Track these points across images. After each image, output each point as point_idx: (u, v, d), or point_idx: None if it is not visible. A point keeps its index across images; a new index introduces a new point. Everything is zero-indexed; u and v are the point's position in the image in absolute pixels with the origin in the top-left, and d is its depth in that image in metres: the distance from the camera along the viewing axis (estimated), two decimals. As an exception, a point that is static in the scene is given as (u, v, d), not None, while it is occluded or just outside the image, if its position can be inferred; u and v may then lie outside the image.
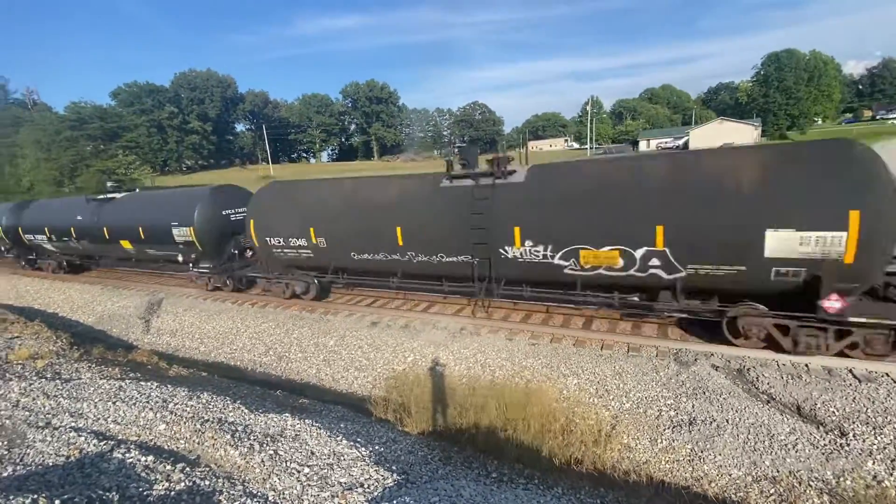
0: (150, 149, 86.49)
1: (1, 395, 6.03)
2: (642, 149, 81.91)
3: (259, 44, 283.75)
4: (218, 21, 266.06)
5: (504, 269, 8.38)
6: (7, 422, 5.25)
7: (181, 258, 13.21)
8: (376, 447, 5.40)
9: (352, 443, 5.13)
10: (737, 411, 5.89)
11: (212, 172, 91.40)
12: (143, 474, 4.07)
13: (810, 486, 4.89)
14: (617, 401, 6.56)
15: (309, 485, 4.17)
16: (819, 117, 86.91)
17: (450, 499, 4.18)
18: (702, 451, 5.52)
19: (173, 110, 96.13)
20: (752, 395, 6.23)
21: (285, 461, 4.57)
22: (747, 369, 6.68)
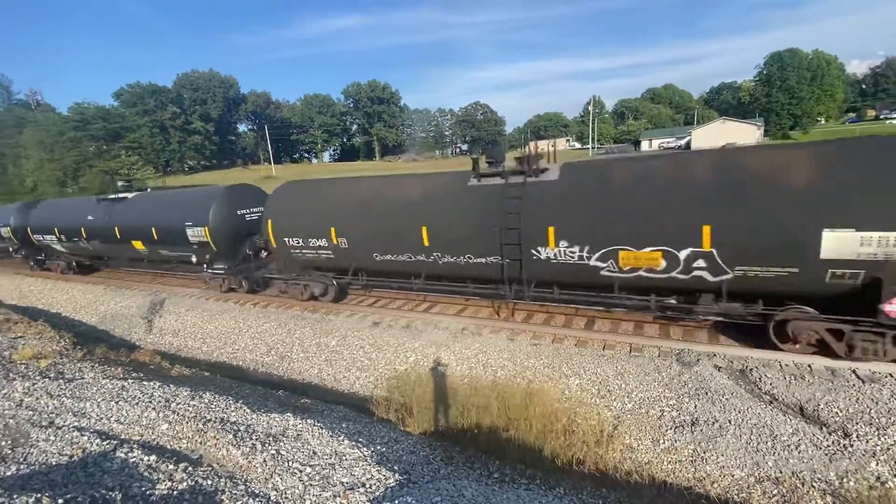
0: (153, 149, 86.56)
1: (5, 394, 6.05)
2: (644, 149, 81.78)
3: (261, 44, 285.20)
4: (220, 22, 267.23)
5: (536, 270, 8.04)
6: (11, 421, 5.27)
7: (195, 259, 12.90)
8: (378, 447, 5.40)
9: (354, 443, 5.13)
10: (739, 412, 5.88)
11: (214, 173, 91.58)
12: (146, 474, 4.08)
13: (813, 487, 4.88)
14: (619, 401, 6.56)
15: (311, 485, 4.18)
16: (822, 117, 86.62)
17: (452, 499, 4.18)
18: (704, 452, 5.51)
19: (176, 111, 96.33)
20: (754, 396, 6.21)
21: (287, 461, 4.57)
22: (750, 370, 6.66)
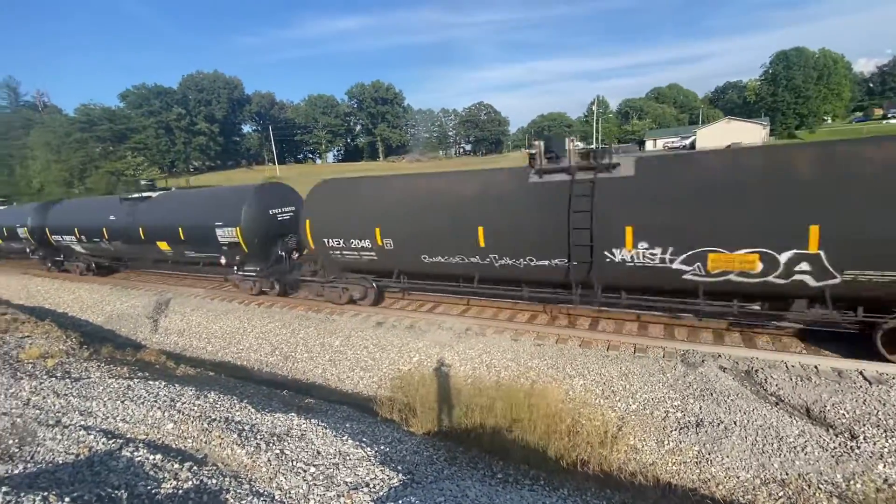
0: (158, 150, 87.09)
1: (12, 393, 6.11)
2: (648, 148, 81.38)
3: (264, 45, 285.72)
4: (224, 23, 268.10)
5: (607, 273, 7.50)
6: (18, 420, 5.31)
7: (224, 261, 12.39)
8: (382, 447, 5.41)
9: (357, 443, 5.14)
10: (745, 413, 5.84)
11: (218, 174, 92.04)
12: (152, 473, 4.10)
13: (820, 489, 4.84)
14: (623, 402, 6.53)
15: (315, 484, 4.19)
16: (829, 116, 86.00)
17: (455, 499, 4.18)
18: (709, 453, 5.48)
19: (181, 112, 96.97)
20: (760, 397, 6.17)
21: (291, 460, 4.59)
22: (755, 371, 6.62)
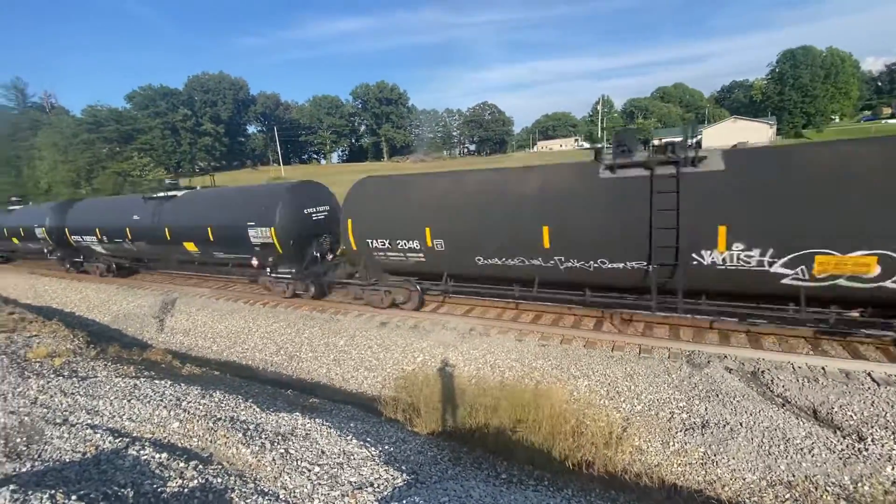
0: (164, 151, 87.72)
1: (20, 392, 6.16)
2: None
3: (269, 46, 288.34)
4: (229, 24, 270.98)
5: (693, 277, 6.95)
6: (26, 418, 5.36)
7: (256, 262, 11.93)
8: (386, 447, 5.41)
9: (362, 442, 5.15)
10: (751, 414, 5.79)
11: (223, 174, 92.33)
12: (158, 471, 4.13)
13: (827, 491, 4.79)
14: (628, 403, 6.50)
15: (319, 483, 4.20)
16: (836, 115, 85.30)
17: (459, 499, 4.17)
18: (715, 455, 5.44)
19: (187, 113, 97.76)
20: (766, 399, 6.12)
21: (296, 460, 4.60)
22: (762, 372, 6.58)
